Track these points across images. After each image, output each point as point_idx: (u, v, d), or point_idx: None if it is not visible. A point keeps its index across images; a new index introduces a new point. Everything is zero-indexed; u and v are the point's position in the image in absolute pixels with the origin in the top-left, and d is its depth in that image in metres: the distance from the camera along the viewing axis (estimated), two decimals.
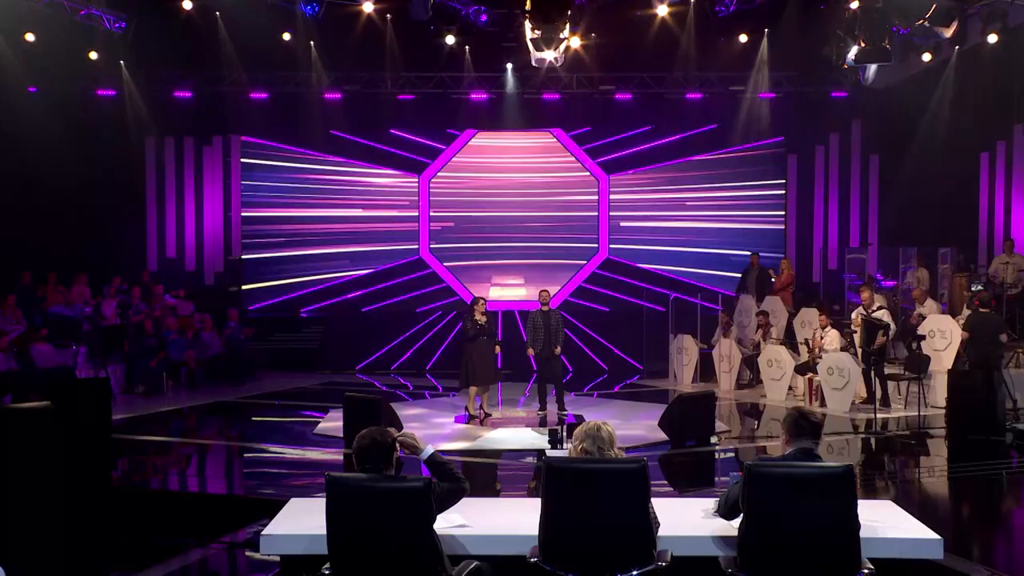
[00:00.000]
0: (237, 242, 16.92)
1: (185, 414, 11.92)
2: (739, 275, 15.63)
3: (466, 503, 4.35)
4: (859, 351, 11.53)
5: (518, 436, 9.99)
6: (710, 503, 4.58)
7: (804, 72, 16.05)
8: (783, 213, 16.82)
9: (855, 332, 11.63)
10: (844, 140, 16.88)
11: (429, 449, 4.27)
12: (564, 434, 7.37)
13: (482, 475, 8.39)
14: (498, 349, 11.07)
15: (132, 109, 15.92)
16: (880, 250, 15.63)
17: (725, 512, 4.31)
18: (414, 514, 3.87)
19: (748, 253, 15.60)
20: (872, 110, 16.17)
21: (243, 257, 16.81)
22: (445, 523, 4.25)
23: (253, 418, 12.03)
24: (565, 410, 11.10)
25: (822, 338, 11.98)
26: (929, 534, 4.35)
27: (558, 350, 11.02)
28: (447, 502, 4.13)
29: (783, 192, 16.82)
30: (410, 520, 3.87)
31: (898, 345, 12.37)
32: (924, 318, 11.82)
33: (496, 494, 7.57)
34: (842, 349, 11.81)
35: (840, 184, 16.93)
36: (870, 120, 16.38)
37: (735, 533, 4.09)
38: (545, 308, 11.17)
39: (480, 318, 10.76)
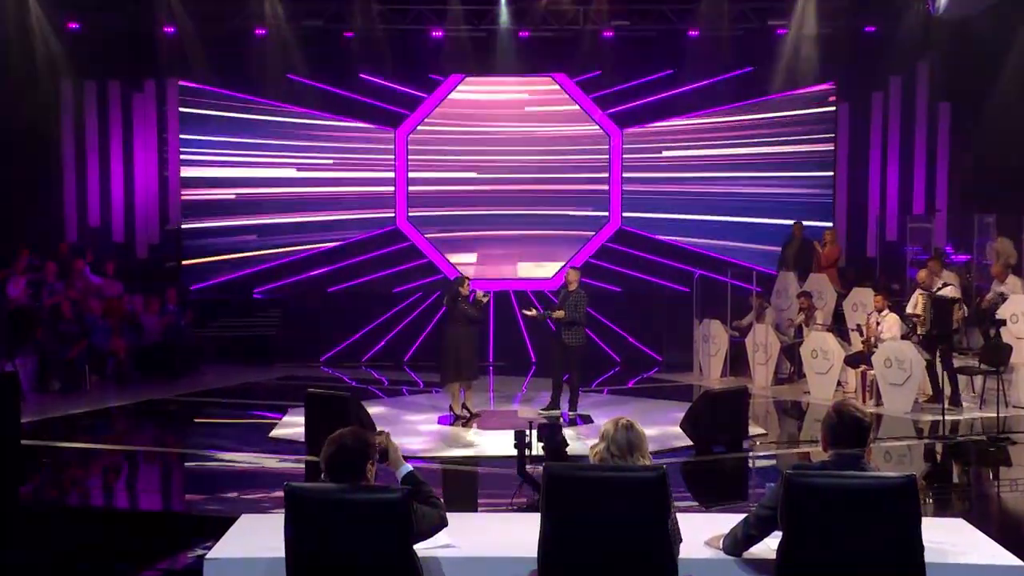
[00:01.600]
0: (175, 208, 16.84)
1: (112, 415, 11.91)
2: (779, 249, 15.60)
3: (450, 518, 4.35)
4: (921, 337, 11.48)
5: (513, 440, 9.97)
6: (723, 527, 4.43)
7: (859, 2, 15.93)
8: (832, 174, 16.77)
9: (916, 318, 11.60)
10: (908, 85, 16.78)
11: (407, 467, 4.35)
12: (533, 437, 7.42)
13: (469, 486, 8.38)
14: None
15: (43, 45, 15.73)
16: (950, 218, 15.59)
17: (731, 547, 4.27)
18: (391, 531, 3.87)
19: (790, 222, 15.55)
20: (943, 47, 16.00)
21: (183, 226, 16.74)
22: (427, 543, 4.25)
23: (195, 420, 12.02)
24: (575, 410, 11.21)
25: (878, 324, 11.97)
26: (1010, 559, 4.33)
27: (559, 313, 11.07)
28: (423, 531, 4.13)
29: (832, 149, 16.76)
30: (386, 538, 3.86)
31: (972, 332, 12.35)
32: (1004, 299, 11.80)
33: (484, 509, 7.55)
34: (903, 336, 11.79)
35: (902, 138, 16.85)
36: (941, 60, 16.25)
37: (772, 556, 4.07)
38: (572, 288, 11.31)
39: (482, 298, 11.07)
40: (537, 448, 7.46)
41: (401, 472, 4.33)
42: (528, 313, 11.67)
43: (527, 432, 7.48)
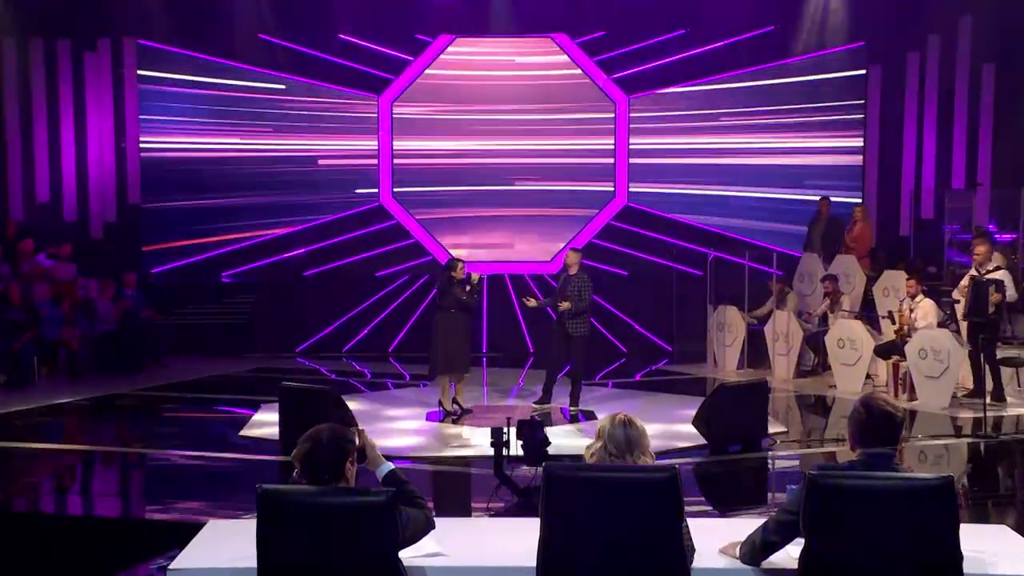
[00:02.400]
0: (134, 183, 16.81)
1: (64, 411, 11.88)
2: (801, 227, 15.61)
3: (440, 525, 4.38)
4: (961, 325, 11.50)
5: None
6: (740, 534, 4.44)
7: None
8: (861, 144, 16.76)
9: (958, 303, 11.61)
10: (947, 44, 16.73)
11: (388, 465, 4.38)
12: (510, 434, 7.42)
13: (459, 489, 8.39)
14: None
15: None
16: (994, 192, 15.58)
17: (748, 555, 4.28)
18: (376, 538, 3.88)
19: (815, 198, 15.55)
20: (988, 2, 15.99)
21: (143, 203, 16.70)
22: (413, 551, 4.28)
23: (158, 416, 12.03)
24: (576, 405, 11.25)
25: (912, 310, 11.98)
26: None
27: (566, 305, 11.09)
28: (410, 537, 4.15)
29: (862, 116, 16.76)
30: (370, 546, 3.87)
31: (1018, 319, 12.36)
32: None
33: (477, 513, 7.57)
34: (940, 324, 11.80)
35: (940, 104, 16.81)
36: (984, 16, 16.20)
37: (793, 564, 4.08)
38: (572, 271, 11.34)
39: (476, 282, 11.10)
40: (516, 447, 7.46)
41: (381, 471, 4.35)
42: (529, 304, 11.61)
43: (504, 429, 7.48)
